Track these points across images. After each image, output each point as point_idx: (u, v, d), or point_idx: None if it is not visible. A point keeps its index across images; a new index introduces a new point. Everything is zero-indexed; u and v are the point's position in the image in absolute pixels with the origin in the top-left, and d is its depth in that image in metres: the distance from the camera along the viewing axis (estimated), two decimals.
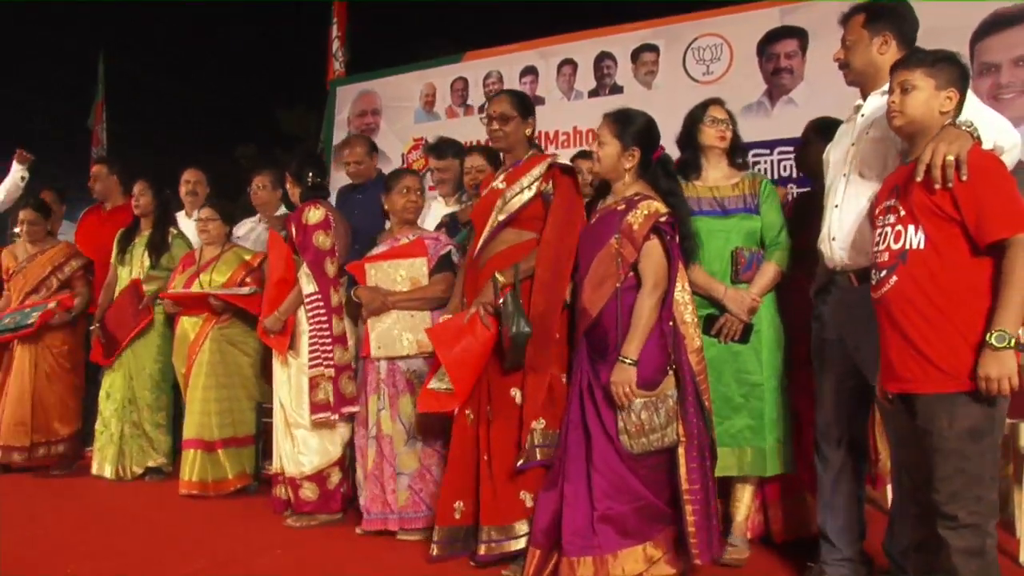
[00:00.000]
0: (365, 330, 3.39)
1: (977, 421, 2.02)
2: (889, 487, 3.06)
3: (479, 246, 3.03)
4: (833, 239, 2.54)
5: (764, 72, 4.68)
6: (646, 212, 2.66)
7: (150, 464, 4.35)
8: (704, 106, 3.05)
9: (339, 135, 6.55)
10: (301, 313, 3.59)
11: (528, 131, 3.11)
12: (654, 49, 5.08)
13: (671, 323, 2.64)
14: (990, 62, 4.00)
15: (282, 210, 4.67)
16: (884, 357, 2.19)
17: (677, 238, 2.68)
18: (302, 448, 3.58)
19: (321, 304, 3.50)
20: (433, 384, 2.99)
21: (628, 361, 2.58)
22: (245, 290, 4.11)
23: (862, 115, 2.55)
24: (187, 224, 4.89)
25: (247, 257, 4.28)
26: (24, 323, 4.51)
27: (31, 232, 4.77)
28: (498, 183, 3.07)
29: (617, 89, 5.17)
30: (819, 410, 2.68)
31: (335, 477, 3.58)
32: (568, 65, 5.42)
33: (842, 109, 2.76)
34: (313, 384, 3.47)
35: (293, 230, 3.63)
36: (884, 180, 2.32)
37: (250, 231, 4.78)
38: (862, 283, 2.41)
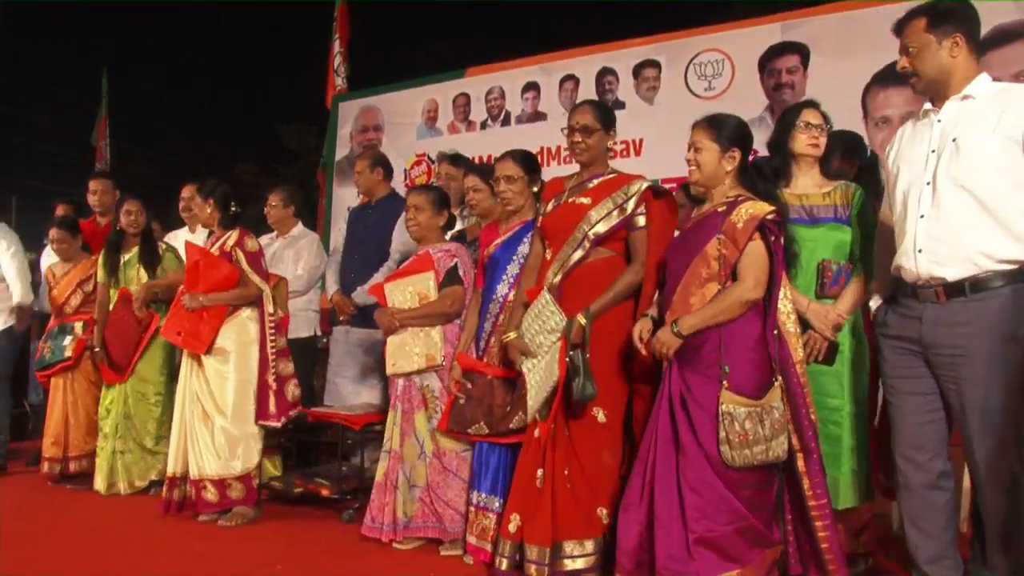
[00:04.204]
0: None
1: None
2: None
3: (557, 261, 2.93)
4: (919, 251, 2.36)
5: (766, 87, 4.70)
6: (751, 211, 2.50)
7: (153, 477, 4.31)
8: (797, 110, 2.85)
9: (341, 151, 6.59)
10: (248, 325, 3.89)
11: (610, 143, 2.99)
12: (656, 65, 5.11)
13: (775, 332, 2.49)
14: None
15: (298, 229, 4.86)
16: None
17: (783, 240, 2.52)
18: (238, 450, 3.79)
19: (274, 323, 3.92)
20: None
21: (676, 330, 2.49)
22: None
23: (939, 120, 2.41)
24: (188, 239, 4.89)
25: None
26: (61, 357, 4.57)
27: (59, 251, 4.78)
28: (580, 199, 2.94)
29: (619, 105, 5.16)
30: (924, 440, 2.45)
31: (255, 474, 3.86)
32: (570, 81, 5.45)
33: (843, 124, 2.73)
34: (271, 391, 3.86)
35: (242, 252, 3.89)
36: None
37: (266, 247, 4.78)
38: (951, 298, 2.29)
